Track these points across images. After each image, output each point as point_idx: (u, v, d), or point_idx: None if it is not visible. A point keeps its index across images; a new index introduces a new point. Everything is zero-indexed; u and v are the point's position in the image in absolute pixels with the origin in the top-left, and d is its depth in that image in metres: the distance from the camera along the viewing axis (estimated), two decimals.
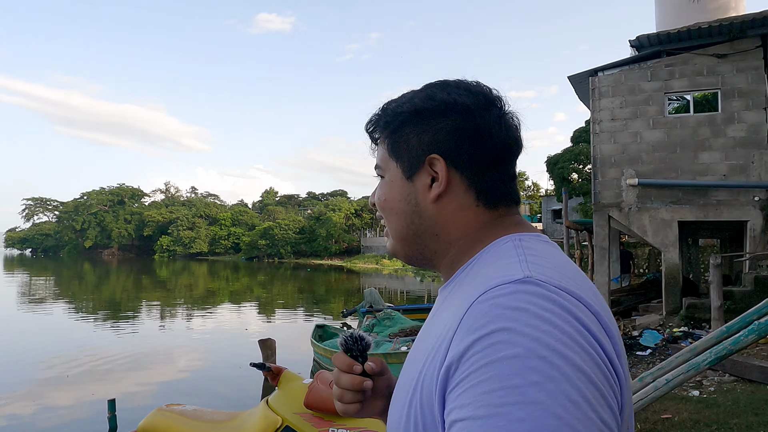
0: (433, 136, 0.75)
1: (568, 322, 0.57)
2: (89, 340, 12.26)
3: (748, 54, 10.94)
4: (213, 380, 8.79)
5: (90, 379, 8.55)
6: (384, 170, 0.81)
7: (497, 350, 0.55)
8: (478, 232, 0.76)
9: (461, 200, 0.76)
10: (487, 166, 0.76)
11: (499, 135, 0.75)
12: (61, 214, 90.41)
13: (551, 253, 0.71)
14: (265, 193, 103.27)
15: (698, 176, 11.07)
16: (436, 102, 0.76)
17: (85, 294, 25.52)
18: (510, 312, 0.57)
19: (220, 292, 27.07)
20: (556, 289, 0.60)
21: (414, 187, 0.77)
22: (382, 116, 0.81)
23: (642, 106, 11.49)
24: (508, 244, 0.71)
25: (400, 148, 0.78)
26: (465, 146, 0.75)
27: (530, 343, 0.54)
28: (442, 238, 0.77)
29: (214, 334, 13.69)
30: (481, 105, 0.76)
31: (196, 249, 77.19)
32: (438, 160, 0.75)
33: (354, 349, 0.82)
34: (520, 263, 0.65)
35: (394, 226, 0.80)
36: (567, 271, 0.66)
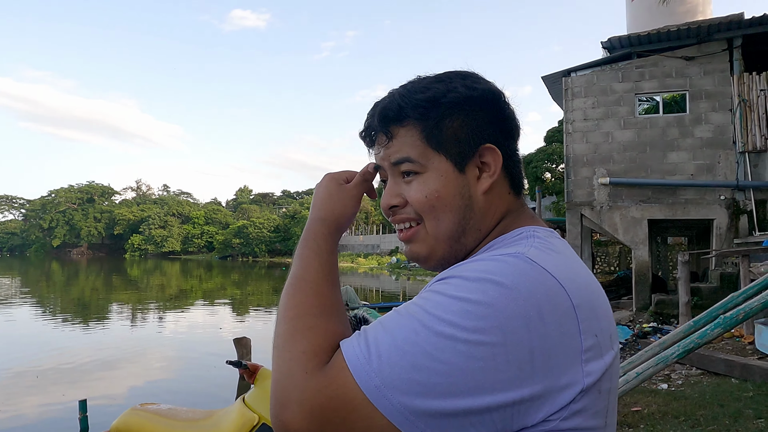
0: (480, 125, 0.75)
1: (526, 293, 0.59)
2: (58, 340, 11.99)
3: (714, 57, 11.26)
4: (187, 380, 8.68)
5: (60, 380, 8.37)
6: (423, 165, 0.75)
7: (440, 285, 0.63)
8: (505, 221, 0.77)
9: (501, 188, 0.77)
10: (513, 153, 0.79)
11: (515, 120, 0.79)
12: (27, 212, 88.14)
13: (558, 244, 0.71)
14: (240, 192, 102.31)
15: (667, 175, 11.35)
16: (478, 91, 0.75)
17: (53, 294, 24.94)
18: (481, 269, 0.62)
19: (193, 292, 26.74)
20: (541, 270, 0.62)
21: (466, 179, 0.75)
22: (411, 107, 0.74)
23: (613, 107, 11.73)
24: (522, 233, 0.72)
25: (447, 139, 0.74)
26: (503, 134, 0.77)
27: (462, 292, 0.60)
28: (483, 232, 0.76)
29: (188, 334, 13.53)
30: (501, 93, 0.79)
31: (169, 248, 76.15)
32: (491, 149, 0.75)
33: (357, 329, 0.84)
34: (525, 245, 0.67)
35: (446, 224, 0.75)
36: (568, 263, 0.67)
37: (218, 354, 9.58)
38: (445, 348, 0.57)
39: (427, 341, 0.58)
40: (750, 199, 10.81)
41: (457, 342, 0.57)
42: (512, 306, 0.58)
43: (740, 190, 10.90)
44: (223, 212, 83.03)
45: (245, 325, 15.26)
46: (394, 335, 0.60)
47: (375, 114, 0.78)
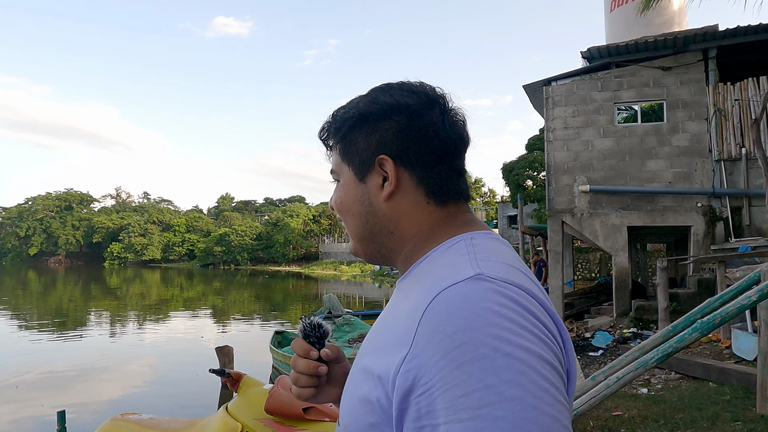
0: (380, 138, 0.78)
1: (521, 314, 0.61)
2: (35, 351, 11.76)
3: (690, 67, 11.50)
4: (168, 389, 8.58)
5: (38, 391, 8.21)
6: (339, 174, 0.85)
7: (465, 353, 0.57)
8: (431, 228, 0.79)
9: (412, 197, 0.79)
10: (433, 162, 0.78)
11: (443, 132, 0.78)
12: (3, 220, 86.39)
13: (499, 249, 0.74)
14: (221, 199, 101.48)
15: (646, 183, 11.54)
16: (380, 105, 0.79)
17: (29, 304, 24.45)
18: (468, 311, 0.60)
19: (174, 300, 26.42)
20: (504, 284, 0.64)
21: (367, 188, 0.80)
22: (333, 123, 0.84)
23: (593, 115, 11.91)
24: (460, 243, 0.74)
25: (351, 151, 0.81)
26: (411, 145, 0.78)
27: (494, 341, 0.57)
28: (396, 235, 0.80)
29: (169, 343, 13.36)
30: (424, 104, 0.79)
31: (149, 256, 75.12)
32: (386, 160, 0.78)
33: (312, 336, 0.86)
34: (470, 261, 0.68)
35: (352, 227, 0.83)
36: (513, 265, 0.70)
37: (200, 363, 9.49)
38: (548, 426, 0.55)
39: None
40: (726, 206, 11.03)
41: (544, 416, 0.55)
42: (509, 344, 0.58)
43: (716, 197, 11.12)
44: (205, 220, 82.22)
45: (227, 333, 15.12)
46: None
47: (321, 129, 0.87)
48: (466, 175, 0.84)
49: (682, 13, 15.51)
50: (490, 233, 0.78)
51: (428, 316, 0.62)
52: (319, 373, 0.85)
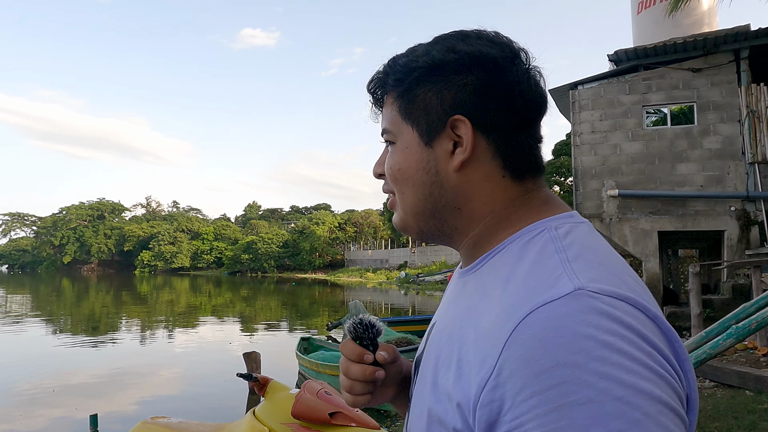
0: (456, 95, 0.66)
1: (635, 343, 0.50)
2: (70, 356, 12.05)
3: (721, 68, 11.26)
4: (197, 393, 8.69)
5: (73, 395, 8.40)
6: (395, 135, 0.71)
7: (566, 393, 0.47)
8: (506, 209, 0.67)
9: (487, 169, 0.67)
10: (515, 128, 0.66)
11: (527, 92, 0.66)
12: (39, 229, 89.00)
13: (591, 242, 0.61)
14: (248, 207, 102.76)
15: (676, 187, 11.31)
16: (459, 55, 0.66)
17: (64, 310, 25.07)
18: (568, 341, 0.49)
19: (203, 307, 26.78)
20: (612, 300, 0.52)
21: (434, 153, 0.68)
22: (391, 72, 0.70)
23: (621, 119, 11.74)
24: (543, 235, 0.62)
25: (416, 109, 0.68)
26: (492, 105, 0.65)
27: (602, 381, 0.47)
28: (465, 213, 0.68)
29: (198, 349, 13.54)
30: (508, 57, 0.66)
31: (178, 264, 76.46)
32: (462, 121, 0.65)
33: (364, 337, 0.76)
34: (564, 266, 0.56)
35: (409, 199, 0.71)
36: (613, 265, 0.58)
37: (228, 368, 9.59)
38: None
39: None
40: (761, 210, 10.73)
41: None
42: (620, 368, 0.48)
43: (750, 200, 10.83)
44: (232, 228, 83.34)
45: (255, 340, 15.25)
46: None
47: (371, 80, 0.74)
48: (542, 144, 0.71)
49: (712, 14, 15.21)
50: (572, 216, 0.66)
51: (518, 340, 0.51)
52: (377, 379, 0.75)
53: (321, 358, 8.76)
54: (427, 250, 52.17)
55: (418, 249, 53.77)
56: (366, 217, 72.11)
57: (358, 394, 0.76)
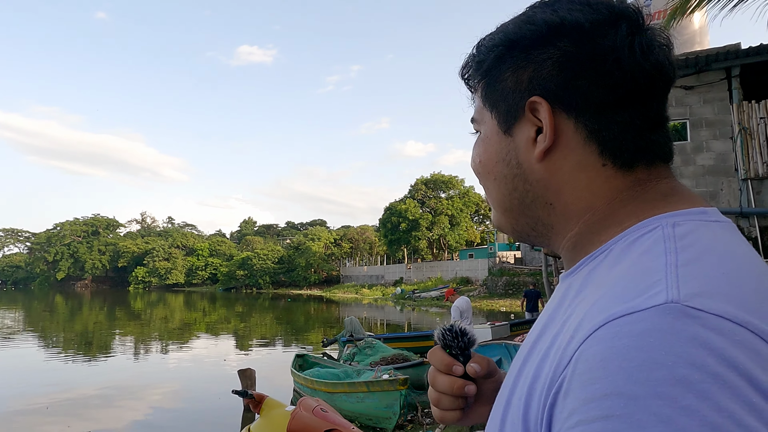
0: (534, 72, 0.57)
1: (731, 388, 0.37)
2: (63, 373, 11.92)
3: (713, 86, 11.40)
4: (192, 411, 8.60)
5: (65, 413, 8.30)
6: (480, 124, 0.65)
7: (613, 427, 0.38)
8: (610, 204, 0.56)
9: (578, 157, 0.56)
10: (613, 106, 0.55)
11: (630, 61, 0.54)
12: (32, 245, 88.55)
13: (720, 245, 0.48)
14: (244, 223, 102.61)
15: None
16: (536, 26, 0.57)
17: (57, 327, 24.85)
18: (637, 367, 0.39)
19: (197, 324, 26.61)
20: (719, 321, 0.40)
21: (514, 142, 0.60)
22: (476, 55, 0.64)
23: None
24: (656, 233, 0.50)
25: (495, 92, 0.61)
26: (580, 81, 0.55)
27: (659, 426, 0.37)
28: (558, 209, 0.59)
29: (192, 366, 13.43)
30: (603, 21, 0.55)
31: (173, 280, 76.04)
32: (540, 103, 0.56)
33: (454, 346, 0.68)
34: (667, 271, 0.45)
35: (494, 195, 0.64)
36: (745, 279, 0.45)
37: (223, 385, 9.50)
38: None
39: None
40: (754, 226, 10.79)
41: None
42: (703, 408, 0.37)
43: (744, 217, 10.89)
44: (228, 244, 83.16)
45: (250, 356, 15.15)
46: None
47: (462, 65, 0.67)
48: (667, 124, 0.59)
49: (704, 32, 15.43)
50: (705, 213, 0.52)
51: (582, 356, 0.43)
52: (467, 394, 0.67)
53: (316, 374, 8.70)
54: (422, 266, 52.15)
55: (414, 265, 53.74)
56: (362, 233, 72.11)
57: (445, 408, 0.69)
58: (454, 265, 47.07)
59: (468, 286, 39.89)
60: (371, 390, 7.19)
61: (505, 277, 35.64)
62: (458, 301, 9.47)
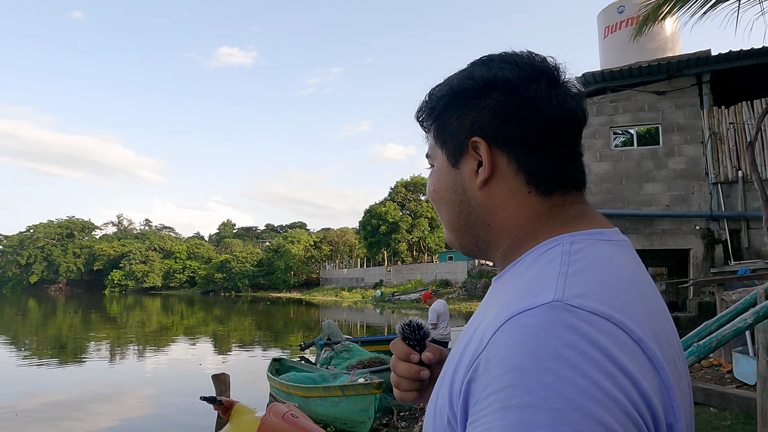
0: (474, 118, 0.70)
1: (595, 362, 0.50)
2: (34, 379, 11.67)
3: (685, 91, 11.63)
4: (166, 417, 8.48)
5: (36, 421, 8.12)
6: (433, 159, 0.77)
7: (510, 395, 0.50)
8: (531, 223, 0.69)
9: (511, 185, 0.69)
10: (536, 145, 0.68)
11: (548, 109, 0.67)
12: (4, 248, 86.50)
13: (607, 259, 0.62)
14: (223, 226, 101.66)
15: (643, 206, 11.56)
16: (475, 80, 0.70)
17: (29, 332, 24.32)
18: (529, 349, 0.52)
19: (174, 328, 26.27)
20: (589, 316, 0.53)
21: (460, 174, 0.72)
22: (428, 102, 0.76)
23: (589, 140, 12.00)
24: (557, 249, 0.63)
25: (444, 133, 0.74)
26: (508, 125, 0.68)
27: (543, 391, 0.49)
28: (494, 228, 0.71)
29: (168, 371, 13.25)
30: (527, 77, 0.68)
31: (150, 283, 74.97)
32: (479, 142, 0.69)
33: (411, 338, 0.82)
34: (558, 278, 0.57)
35: (446, 217, 0.76)
36: (619, 285, 0.59)
37: (197, 390, 9.38)
38: None
39: None
40: (724, 229, 11.02)
41: None
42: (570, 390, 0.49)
43: (714, 220, 11.12)
44: (206, 247, 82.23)
45: (227, 361, 15.00)
46: None
47: (417, 110, 0.80)
48: (580, 158, 0.72)
49: (675, 39, 15.75)
50: (602, 233, 0.66)
51: (494, 343, 0.55)
52: (421, 378, 0.81)
53: (292, 379, 8.65)
54: (402, 269, 52.20)
55: (394, 268, 53.76)
56: (342, 235, 71.92)
57: (404, 390, 0.83)
58: (434, 268, 47.21)
59: (447, 289, 40.05)
60: (346, 394, 7.17)
61: (484, 280, 35.88)
62: (435, 304, 9.50)
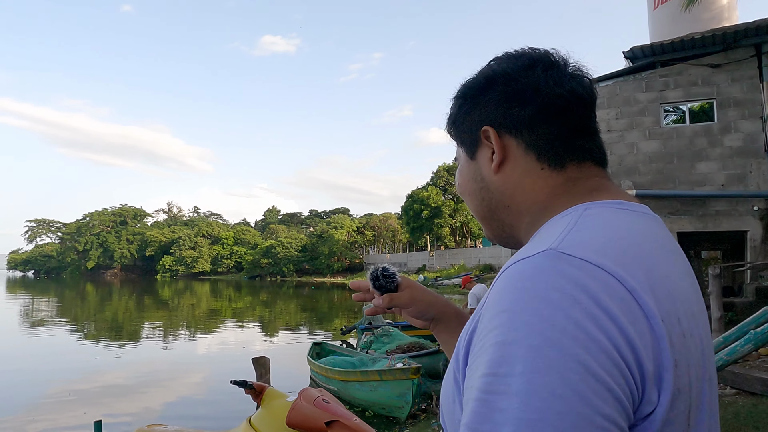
0: (482, 111, 0.75)
1: (580, 305, 0.52)
2: (89, 361, 12.15)
3: (742, 63, 10.93)
4: (207, 399, 8.66)
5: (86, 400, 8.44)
6: (458, 159, 0.84)
7: (498, 334, 0.53)
8: (548, 198, 0.72)
9: (523, 164, 0.73)
10: (540, 123, 0.72)
11: (546, 89, 0.71)
12: (63, 235, 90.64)
13: (617, 222, 0.63)
14: (268, 212, 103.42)
15: (696, 186, 11.00)
16: (479, 79, 0.77)
17: (87, 316, 25.41)
18: (516, 291, 0.55)
19: (223, 311, 26.94)
20: (581, 263, 0.55)
21: (477, 164, 0.77)
22: (449, 113, 0.83)
23: (637, 117, 11.47)
24: (571, 215, 0.65)
25: (461, 132, 0.80)
26: (512, 109, 0.73)
27: (524, 328, 0.52)
28: (513, 208, 0.75)
29: (214, 353, 13.58)
30: (524, 66, 0.74)
31: (199, 268, 77.10)
32: (488, 130, 0.74)
33: (373, 284, 1.00)
34: (559, 235, 0.60)
35: (473, 208, 0.81)
36: (619, 242, 0.59)
37: (240, 373, 9.55)
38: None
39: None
40: None
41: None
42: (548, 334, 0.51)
43: None
44: (252, 233, 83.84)
45: (270, 344, 15.26)
46: None
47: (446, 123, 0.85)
48: (594, 132, 0.75)
49: (732, 7, 14.81)
50: (622, 203, 0.67)
51: (493, 289, 0.59)
52: (375, 313, 1.03)
53: (331, 363, 8.68)
54: (445, 253, 51.90)
55: (437, 252, 53.52)
56: (384, 220, 72.02)
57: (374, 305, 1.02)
58: (477, 253, 46.71)
59: (491, 274, 39.59)
60: (384, 379, 7.13)
61: None
62: (475, 288, 9.39)
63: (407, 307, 0.99)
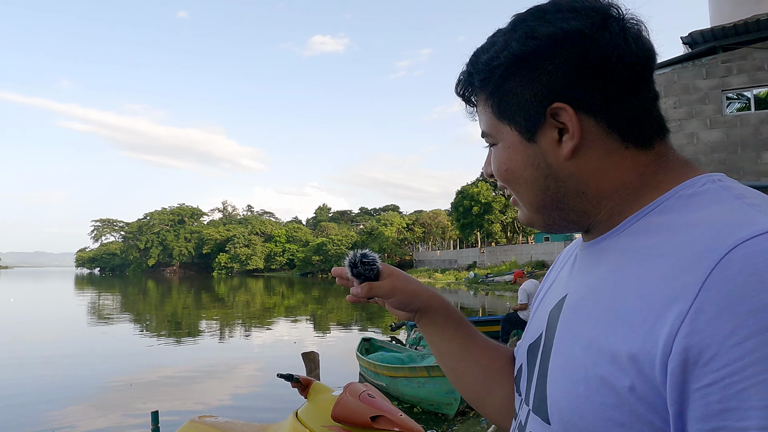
0: (548, 82, 0.61)
1: None
2: (151, 355, 12.67)
3: None
4: (260, 393, 8.86)
5: (145, 391, 8.80)
6: (495, 137, 0.69)
7: None
8: (641, 177, 0.62)
9: (604, 146, 0.62)
10: (624, 95, 0.61)
11: (629, 54, 0.60)
12: (126, 234, 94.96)
13: (759, 194, 0.57)
14: (319, 210, 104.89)
15: (763, 177, 10.42)
16: (539, 39, 0.61)
17: (148, 310, 26.52)
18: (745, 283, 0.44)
19: (276, 308, 27.54)
20: None
21: (540, 148, 0.64)
22: (475, 72, 0.68)
23: (697, 106, 10.96)
24: (708, 187, 0.58)
25: (510, 106, 0.65)
26: (591, 82, 0.60)
27: None
28: (590, 194, 0.64)
29: (267, 348, 13.89)
30: (597, 24, 0.60)
31: (253, 265, 79.15)
32: (563, 108, 0.61)
33: (351, 272, 0.91)
34: (755, 209, 0.51)
35: (526, 197, 0.68)
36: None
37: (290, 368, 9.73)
38: None
39: None
40: None
41: None
42: None
43: None
44: (303, 230, 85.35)
45: (321, 339, 15.48)
46: None
47: (457, 83, 0.72)
48: (658, 98, 0.65)
49: None
50: (721, 176, 0.61)
51: (723, 278, 0.46)
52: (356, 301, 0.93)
53: (380, 359, 8.70)
54: (496, 250, 51.23)
55: (488, 249, 52.92)
56: (434, 217, 71.76)
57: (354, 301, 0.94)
58: (529, 249, 45.90)
59: (544, 270, 38.79)
60: (432, 375, 7.09)
61: None
62: (526, 283, 9.24)
63: (389, 297, 0.89)
